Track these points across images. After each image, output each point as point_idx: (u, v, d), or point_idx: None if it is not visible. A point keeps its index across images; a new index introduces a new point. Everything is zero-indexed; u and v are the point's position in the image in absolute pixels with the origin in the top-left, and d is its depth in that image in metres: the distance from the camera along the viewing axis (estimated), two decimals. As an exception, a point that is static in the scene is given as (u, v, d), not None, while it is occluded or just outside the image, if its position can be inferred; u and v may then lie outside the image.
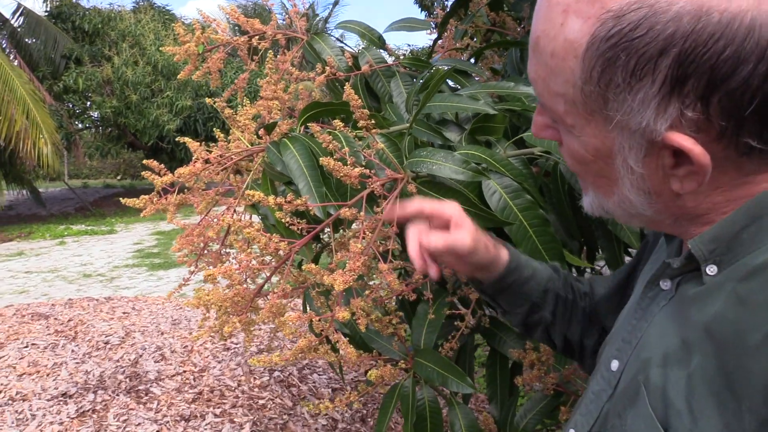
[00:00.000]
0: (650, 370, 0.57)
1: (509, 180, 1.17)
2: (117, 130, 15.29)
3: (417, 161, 1.14)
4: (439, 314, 1.40)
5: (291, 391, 3.37)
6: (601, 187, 0.61)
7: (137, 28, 14.51)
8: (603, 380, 0.67)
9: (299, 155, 1.29)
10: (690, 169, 0.53)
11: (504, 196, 1.16)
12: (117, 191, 18.69)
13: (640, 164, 0.55)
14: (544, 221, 1.15)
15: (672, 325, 0.58)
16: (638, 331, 0.64)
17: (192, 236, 1.44)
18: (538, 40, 0.56)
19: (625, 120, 0.52)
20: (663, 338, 0.58)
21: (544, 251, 1.15)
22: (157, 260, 8.19)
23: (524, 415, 1.44)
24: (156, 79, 13.97)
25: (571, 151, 0.60)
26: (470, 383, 1.23)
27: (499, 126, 1.35)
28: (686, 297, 0.58)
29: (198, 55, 1.68)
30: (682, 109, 0.50)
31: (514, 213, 1.15)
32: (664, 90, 0.49)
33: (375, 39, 1.83)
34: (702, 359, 0.52)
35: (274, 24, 1.78)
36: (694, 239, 0.57)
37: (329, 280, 1.01)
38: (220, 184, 1.50)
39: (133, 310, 4.79)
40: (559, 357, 1.40)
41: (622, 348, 0.66)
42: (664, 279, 0.63)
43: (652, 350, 0.59)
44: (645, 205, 0.58)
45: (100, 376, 3.42)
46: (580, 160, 0.60)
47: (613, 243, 1.43)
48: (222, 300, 1.22)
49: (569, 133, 0.59)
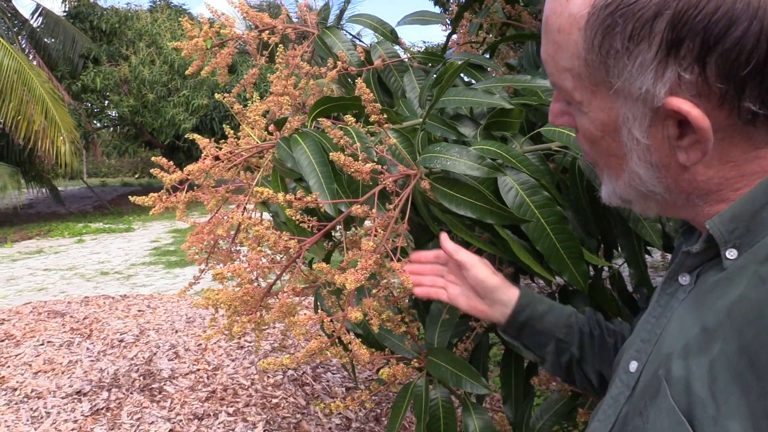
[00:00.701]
0: (671, 364, 0.56)
1: (526, 176, 1.13)
2: (134, 128, 15.39)
3: (431, 157, 1.10)
4: (453, 314, 1.37)
5: (304, 389, 3.35)
6: (612, 167, 0.61)
7: (154, 28, 14.59)
8: (621, 383, 0.65)
9: (310, 151, 1.26)
10: (694, 138, 0.53)
11: (521, 193, 1.12)
12: (135, 189, 18.83)
13: (645, 134, 0.55)
14: (562, 219, 1.11)
15: (691, 316, 0.57)
16: (657, 329, 0.63)
17: (202, 234, 1.42)
18: (547, 20, 0.57)
19: (626, 87, 0.53)
20: (683, 330, 0.57)
21: (562, 249, 1.11)
22: (174, 258, 8.22)
23: (540, 416, 1.41)
24: (172, 78, 14.03)
25: (583, 131, 0.61)
26: (485, 384, 1.20)
27: (516, 121, 1.30)
28: (706, 286, 0.57)
29: (207, 50, 1.65)
30: (679, 72, 0.50)
31: (531, 210, 1.11)
32: (661, 53, 0.50)
33: (387, 33, 1.80)
34: (724, 344, 0.51)
35: (283, 18, 1.76)
36: (712, 219, 0.56)
37: (340, 280, 0.98)
38: (231, 181, 1.48)
39: (148, 308, 4.80)
40: None
41: (641, 348, 0.65)
42: (682, 273, 0.62)
43: (673, 344, 0.57)
44: (654, 179, 0.58)
45: (114, 374, 3.42)
46: (591, 138, 0.60)
47: (632, 241, 1.39)
48: (231, 299, 1.20)
49: (580, 112, 0.59)
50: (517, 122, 1.31)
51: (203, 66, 1.68)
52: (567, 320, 0.98)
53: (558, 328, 0.97)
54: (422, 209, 1.22)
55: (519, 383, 1.52)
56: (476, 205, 1.09)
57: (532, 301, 0.98)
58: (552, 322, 0.97)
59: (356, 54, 1.74)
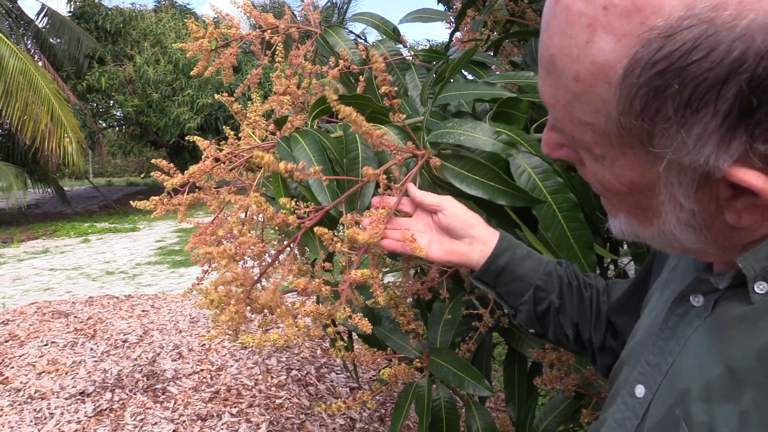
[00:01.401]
0: (691, 405, 0.51)
1: (539, 160, 1.09)
2: (139, 128, 15.43)
3: (443, 132, 1.06)
4: (455, 313, 1.35)
5: (308, 390, 3.33)
6: (638, 217, 0.53)
7: (158, 27, 14.62)
8: (626, 407, 0.60)
9: (310, 150, 1.25)
10: (752, 201, 0.45)
11: (533, 176, 1.08)
12: (140, 189, 18.88)
13: (691, 199, 0.47)
14: (575, 206, 1.06)
15: (711, 351, 0.52)
16: (668, 355, 0.57)
17: (205, 235, 1.40)
18: (553, 59, 0.47)
19: (676, 157, 0.44)
20: (702, 366, 0.52)
21: (573, 238, 1.07)
22: (179, 257, 8.23)
23: (544, 417, 1.39)
24: (177, 77, 14.06)
25: (597, 178, 0.52)
26: (487, 385, 1.18)
27: (522, 116, 1.27)
28: (728, 318, 0.51)
29: (211, 51, 1.65)
30: (751, 143, 0.41)
31: (543, 194, 1.07)
32: (728, 122, 0.41)
33: (390, 31, 1.78)
34: (756, 394, 0.46)
35: (287, 18, 1.74)
36: (745, 257, 0.49)
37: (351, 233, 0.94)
38: (233, 182, 1.47)
39: (152, 308, 4.80)
40: (580, 358, 1.35)
41: (648, 372, 0.59)
42: (695, 295, 0.56)
43: (690, 380, 0.53)
44: (692, 238, 0.51)
45: (117, 374, 3.42)
46: (609, 188, 0.52)
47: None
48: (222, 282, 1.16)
49: (596, 162, 0.51)
50: (524, 117, 1.27)
51: (208, 66, 1.67)
52: (546, 267, 0.93)
53: (537, 274, 0.92)
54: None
55: (522, 383, 1.50)
56: (488, 185, 1.04)
57: (511, 244, 0.92)
58: (531, 268, 0.92)
59: (358, 52, 1.73)
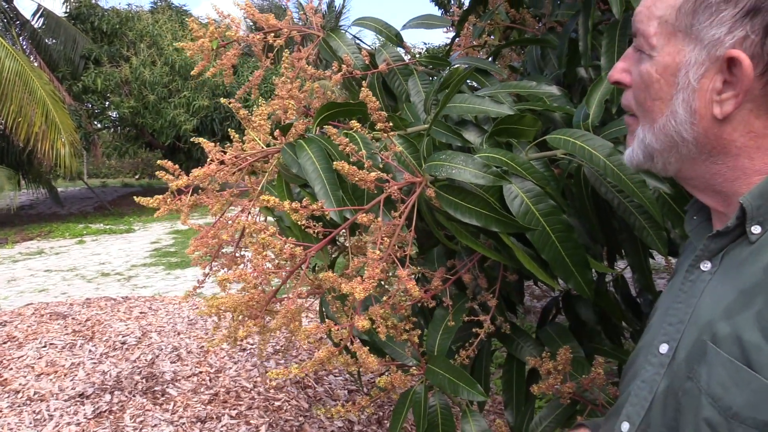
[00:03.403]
0: (716, 327, 0.64)
1: (531, 184, 1.14)
2: (135, 129, 15.37)
3: (436, 165, 1.10)
4: (457, 320, 1.37)
5: (307, 392, 3.35)
6: (654, 111, 0.70)
7: (155, 29, 14.58)
8: (652, 367, 0.72)
9: (315, 157, 1.26)
10: (732, 94, 0.64)
11: (526, 201, 1.13)
12: (135, 190, 18.83)
13: (697, 79, 0.66)
14: (568, 227, 1.12)
15: (725, 287, 0.66)
16: (687, 308, 0.71)
17: (206, 238, 1.41)
18: None
19: (702, 33, 0.65)
20: (719, 300, 0.66)
21: (567, 258, 1.12)
22: (174, 259, 8.23)
23: (539, 422, 1.41)
24: (173, 79, 14.03)
25: (642, 75, 0.70)
26: (481, 391, 1.20)
27: (530, 129, 1.29)
28: (735, 262, 0.67)
29: (212, 51, 1.65)
30: (747, 32, 0.62)
31: (536, 218, 1.12)
32: (740, 14, 0.62)
33: (392, 36, 1.80)
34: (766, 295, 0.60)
35: (289, 20, 1.76)
36: (745, 196, 0.65)
37: (348, 289, 0.98)
38: (235, 185, 1.48)
39: (150, 310, 4.80)
40: (577, 365, 1.37)
41: (669, 331, 0.72)
42: (704, 261, 0.71)
43: (711, 313, 0.66)
44: (688, 124, 0.67)
45: (116, 376, 3.42)
46: (646, 82, 0.70)
47: (637, 246, 1.39)
48: (237, 304, 1.20)
49: (646, 59, 0.70)
50: (532, 131, 1.30)
51: (208, 67, 1.68)
52: None
53: None
54: (427, 216, 1.22)
55: (520, 388, 1.52)
56: (481, 214, 1.09)
57: None
58: None
59: (361, 57, 1.74)
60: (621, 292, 1.92)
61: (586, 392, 1.34)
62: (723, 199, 0.71)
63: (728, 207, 0.71)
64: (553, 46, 1.74)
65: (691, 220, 0.80)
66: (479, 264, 1.46)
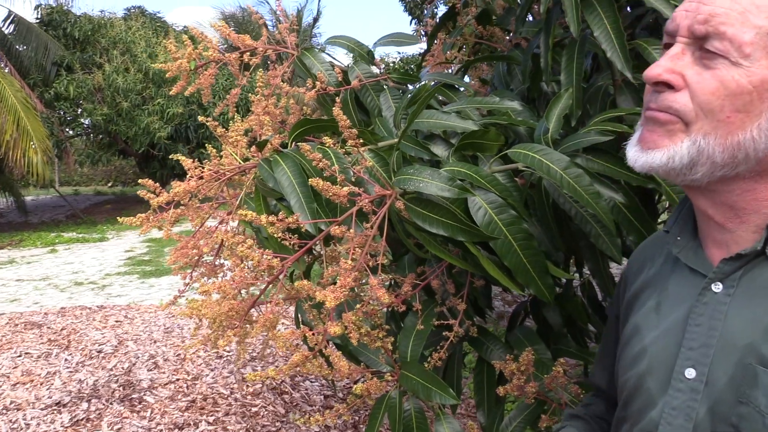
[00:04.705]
0: (762, 350, 0.65)
1: (494, 196, 1.21)
2: (108, 137, 15.23)
3: (405, 179, 1.17)
4: (427, 324, 1.44)
5: (283, 398, 3.39)
6: (731, 124, 0.66)
7: (128, 35, 14.46)
8: (681, 393, 0.71)
9: (290, 172, 1.33)
10: None
11: (489, 212, 1.20)
12: (108, 198, 18.65)
13: None
14: (529, 236, 1.19)
15: (757, 308, 0.67)
16: (712, 331, 0.70)
17: (186, 248, 1.47)
18: None
19: None
20: (754, 322, 0.67)
21: (529, 264, 1.19)
22: (149, 268, 8.19)
23: (509, 422, 1.48)
24: (147, 86, 13.93)
25: (723, 83, 0.66)
26: (452, 394, 1.27)
27: (494, 143, 1.37)
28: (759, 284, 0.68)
29: (190, 71, 1.71)
30: None
31: (499, 228, 1.19)
32: None
33: (364, 54, 1.86)
34: None
35: (264, 40, 1.82)
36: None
37: (321, 297, 1.04)
38: (215, 198, 1.54)
39: (126, 319, 4.81)
40: (541, 366, 1.44)
41: (694, 356, 0.71)
42: (714, 283, 0.71)
43: (749, 335, 0.67)
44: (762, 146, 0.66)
45: (93, 384, 3.44)
46: (732, 92, 0.65)
47: (596, 253, 1.47)
48: (217, 314, 1.26)
49: (731, 66, 0.65)
50: (496, 144, 1.38)
51: (188, 85, 1.73)
52: None
53: None
54: (398, 227, 1.29)
55: (491, 390, 1.59)
56: (447, 224, 1.16)
57: None
58: None
59: (334, 74, 1.81)
60: (588, 296, 2.01)
61: (550, 392, 1.42)
62: (737, 216, 0.71)
63: (740, 225, 0.71)
64: (518, 62, 1.82)
65: (677, 241, 0.80)
66: (447, 270, 1.53)
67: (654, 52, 1.36)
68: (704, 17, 0.66)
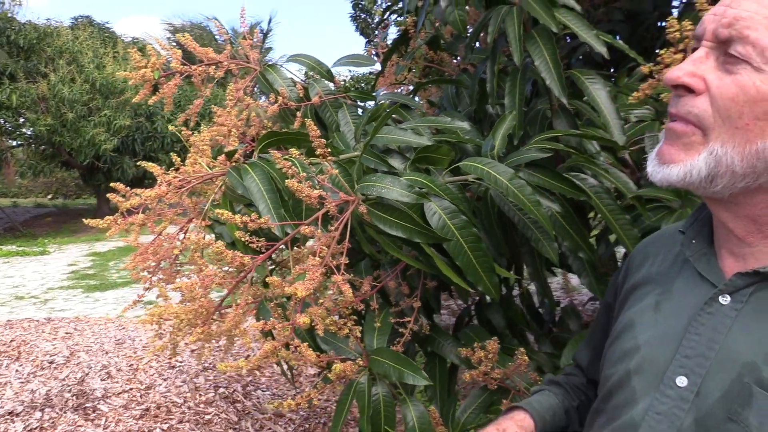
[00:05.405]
0: (761, 372, 0.64)
1: (447, 202, 1.35)
2: (51, 148, 14.87)
3: (368, 185, 1.31)
4: (385, 322, 1.56)
5: (236, 406, 3.45)
6: (751, 132, 0.64)
7: (75, 45, 14.22)
8: (669, 399, 0.71)
9: (259, 180, 1.44)
10: None
11: (443, 217, 1.34)
12: (49, 211, 18.17)
13: None
14: (477, 238, 1.33)
15: (763, 328, 0.67)
16: (712, 343, 0.69)
17: (146, 255, 1.55)
18: None
19: None
20: (758, 342, 0.66)
21: (477, 264, 1.33)
22: (93, 282, 8.05)
23: (464, 410, 1.61)
24: (94, 97, 13.70)
25: (744, 88, 0.64)
26: (425, 375, 1.38)
27: (445, 158, 1.53)
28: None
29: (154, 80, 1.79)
30: None
31: (451, 231, 1.33)
32: None
33: (324, 72, 1.99)
34: None
35: (227, 54, 1.92)
36: None
37: (291, 290, 1.15)
38: (178, 205, 1.62)
39: (76, 331, 4.77)
40: (503, 355, 1.58)
41: (688, 365, 0.70)
42: (723, 295, 0.70)
43: (752, 354, 0.66)
44: None
45: (46, 394, 3.42)
46: (753, 97, 0.63)
47: (535, 259, 1.63)
48: (185, 312, 1.35)
49: (753, 71, 0.63)
50: (447, 159, 1.53)
51: (150, 96, 1.82)
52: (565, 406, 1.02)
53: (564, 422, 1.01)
54: (358, 231, 1.42)
55: (443, 383, 1.72)
56: (406, 227, 1.30)
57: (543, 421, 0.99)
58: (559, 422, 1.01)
59: (295, 90, 1.93)
60: (526, 304, 2.18)
61: (508, 379, 1.56)
62: (759, 231, 0.70)
63: (761, 240, 0.70)
64: (466, 86, 1.98)
65: (691, 245, 0.79)
66: (402, 273, 1.67)
67: (587, 81, 1.53)
68: (729, 20, 0.65)
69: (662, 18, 2.41)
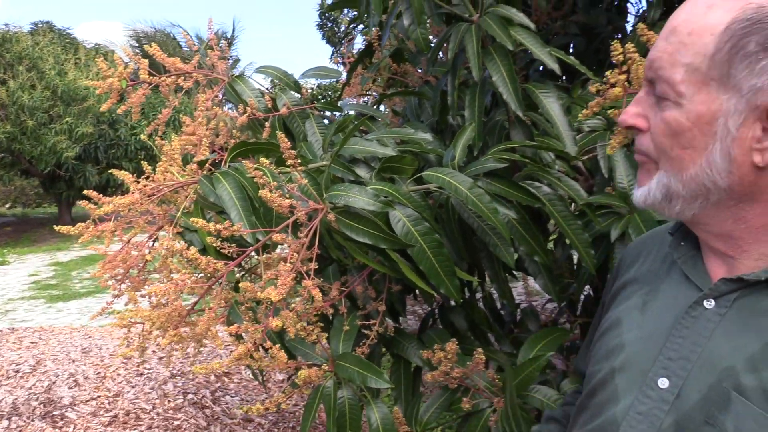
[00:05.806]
0: (740, 377, 0.65)
1: (411, 210, 1.43)
2: (11, 156, 14.57)
3: (336, 194, 1.38)
4: (352, 325, 1.63)
5: (205, 412, 3.48)
6: (683, 160, 0.69)
7: (35, 51, 13.95)
8: (650, 399, 0.71)
9: (231, 188, 1.49)
10: None
11: (407, 224, 1.41)
12: (8, 220, 17.77)
13: (736, 128, 0.65)
14: (440, 244, 1.41)
15: (748, 335, 0.67)
16: (695, 347, 0.70)
17: (115, 262, 1.58)
18: (676, 27, 0.68)
19: (741, 83, 0.64)
20: (740, 348, 0.67)
21: (439, 268, 1.40)
22: (56, 292, 7.92)
23: (427, 409, 1.68)
24: (55, 104, 13.46)
25: (667, 123, 0.68)
26: (386, 379, 1.45)
27: (409, 167, 1.61)
28: (754, 310, 0.68)
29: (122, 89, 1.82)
30: None
31: (415, 237, 1.40)
32: None
33: (291, 83, 2.05)
34: None
35: (195, 63, 1.96)
36: None
37: (264, 295, 1.22)
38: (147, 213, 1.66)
39: (41, 340, 4.73)
40: (462, 356, 1.64)
41: (670, 366, 0.71)
42: (708, 300, 0.71)
43: (732, 359, 0.67)
44: (725, 173, 0.67)
45: (13, 403, 3.40)
46: (674, 130, 0.68)
47: (494, 263, 1.72)
48: (158, 316, 1.40)
49: (672, 106, 0.68)
50: (411, 168, 1.61)
51: (119, 104, 1.86)
52: None
53: None
54: (326, 237, 1.49)
55: (408, 384, 1.79)
56: (372, 234, 1.37)
57: None
58: None
59: (264, 101, 1.98)
60: (489, 307, 2.26)
61: (467, 378, 1.63)
62: (736, 245, 0.71)
63: (741, 253, 0.71)
64: (428, 98, 2.07)
65: (679, 247, 0.80)
66: (368, 278, 1.74)
67: (541, 95, 1.63)
68: (648, 63, 0.70)
69: (616, 31, 2.53)
